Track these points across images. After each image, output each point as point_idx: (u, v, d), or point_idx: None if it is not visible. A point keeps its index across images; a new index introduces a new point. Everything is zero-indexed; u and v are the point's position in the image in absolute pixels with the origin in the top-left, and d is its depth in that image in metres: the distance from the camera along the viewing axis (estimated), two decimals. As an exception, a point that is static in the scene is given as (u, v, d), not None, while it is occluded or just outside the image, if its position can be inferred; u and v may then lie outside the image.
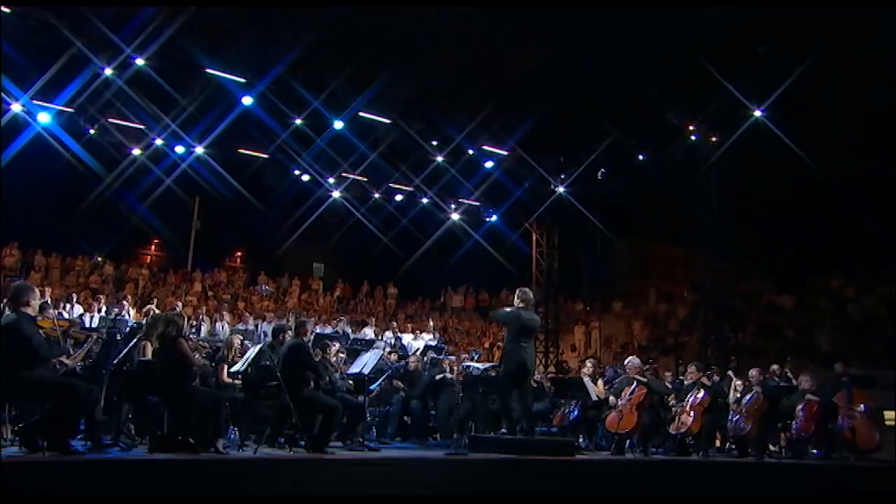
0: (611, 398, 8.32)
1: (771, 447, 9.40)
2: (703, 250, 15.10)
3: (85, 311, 13.12)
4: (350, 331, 14.51)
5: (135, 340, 6.13)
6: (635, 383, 8.14)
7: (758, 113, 12.68)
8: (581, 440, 8.84)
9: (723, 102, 13.06)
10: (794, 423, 9.18)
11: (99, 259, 20.86)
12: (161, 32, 11.00)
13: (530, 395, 7.58)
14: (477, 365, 8.97)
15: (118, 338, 6.56)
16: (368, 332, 14.71)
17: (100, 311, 13.14)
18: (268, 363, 6.18)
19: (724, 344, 14.60)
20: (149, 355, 5.98)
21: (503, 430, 7.37)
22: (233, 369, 6.78)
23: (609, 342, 21.43)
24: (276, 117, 12.97)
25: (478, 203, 17.23)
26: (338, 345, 8.62)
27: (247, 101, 12.39)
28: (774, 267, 21.16)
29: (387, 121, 13.73)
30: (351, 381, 7.64)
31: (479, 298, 24.58)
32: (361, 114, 13.52)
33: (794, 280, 20.27)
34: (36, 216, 19.33)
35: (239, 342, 7.53)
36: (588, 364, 9.30)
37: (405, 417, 8.99)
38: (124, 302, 12.87)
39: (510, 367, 7.40)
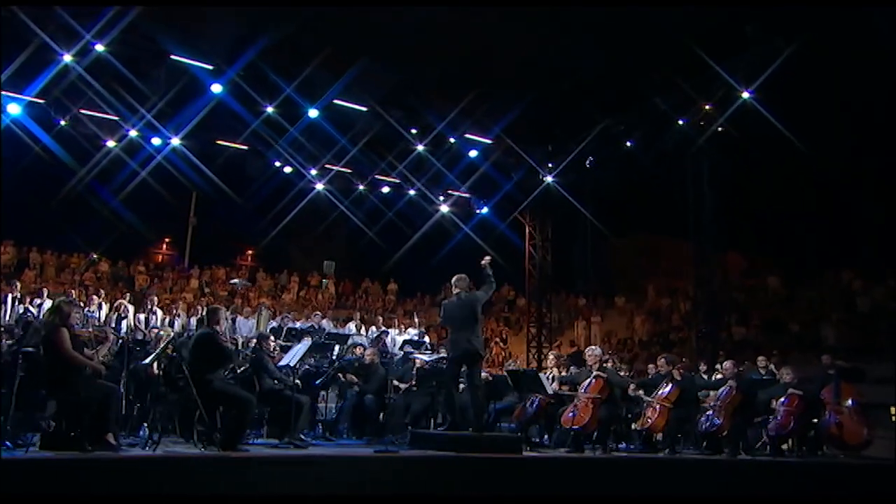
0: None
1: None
2: (698, 241, 14.50)
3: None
4: (331, 326, 14.20)
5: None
6: (592, 376, 7.65)
7: (746, 94, 12.07)
8: (545, 438, 8.38)
9: (711, 85, 12.50)
10: (773, 418, 8.67)
11: (94, 256, 20.79)
12: (123, 17, 10.75)
13: (480, 388, 7.16)
14: (422, 356, 8.55)
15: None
16: (352, 327, 14.40)
17: (100, 307, 13.00)
18: (174, 355, 5.82)
19: (716, 338, 14.01)
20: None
21: (443, 426, 6.95)
22: (144, 362, 6.45)
23: (609, 337, 20.87)
24: (249, 106, 12.64)
25: (468, 195, 16.79)
26: (274, 340, 8.24)
27: (216, 88, 12.08)
28: (779, 259, 20.47)
29: (364, 108, 13.33)
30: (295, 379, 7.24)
31: (478, 294, 24.15)
32: (339, 101, 13.14)
33: (801, 273, 19.55)
34: (26, 213, 19.27)
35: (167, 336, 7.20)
36: (551, 357, 8.84)
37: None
38: (94, 297, 12.66)
39: (455, 353, 7.03)
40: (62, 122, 12.78)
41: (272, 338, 8.01)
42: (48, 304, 12.02)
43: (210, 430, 5.59)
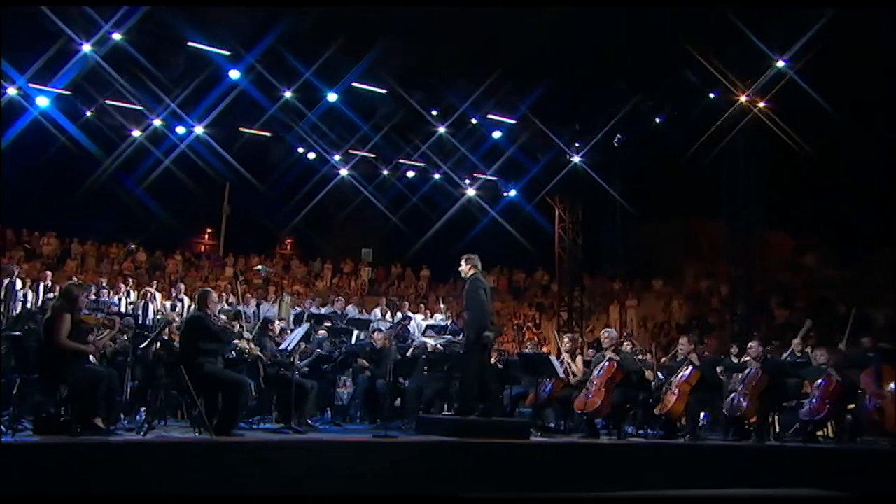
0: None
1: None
2: (734, 221, 13.90)
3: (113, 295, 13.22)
4: (356, 312, 14.14)
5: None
6: (606, 359, 7.33)
7: (781, 63, 11.43)
8: (561, 423, 8.10)
9: (743, 55, 11.88)
10: (806, 402, 8.20)
11: (132, 246, 21.22)
12: (140, 6, 10.77)
13: (490, 371, 6.93)
14: (427, 340, 8.34)
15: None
16: (377, 313, 14.33)
17: (128, 294, 13.25)
18: (165, 338, 5.75)
19: (755, 321, 13.42)
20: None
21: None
22: (141, 346, 6.41)
23: (646, 321, 20.34)
24: (268, 91, 12.57)
25: (494, 177, 16.46)
26: (280, 324, 8.14)
27: (234, 74, 12.03)
28: (827, 238, 19.57)
29: (383, 91, 13.12)
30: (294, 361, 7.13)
31: (514, 279, 23.86)
32: (358, 84, 12.97)
33: (851, 252, 18.67)
34: (67, 206, 19.78)
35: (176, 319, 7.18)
36: (566, 340, 8.53)
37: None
38: (121, 285, 12.87)
39: (472, 336, 6.77)
40: (88, 113, 12.96)
41: (276, 322, 7.92)
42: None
43: (204, 415, 5.50)
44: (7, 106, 12.30)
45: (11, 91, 12.18)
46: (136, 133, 13.56)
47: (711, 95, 12.56)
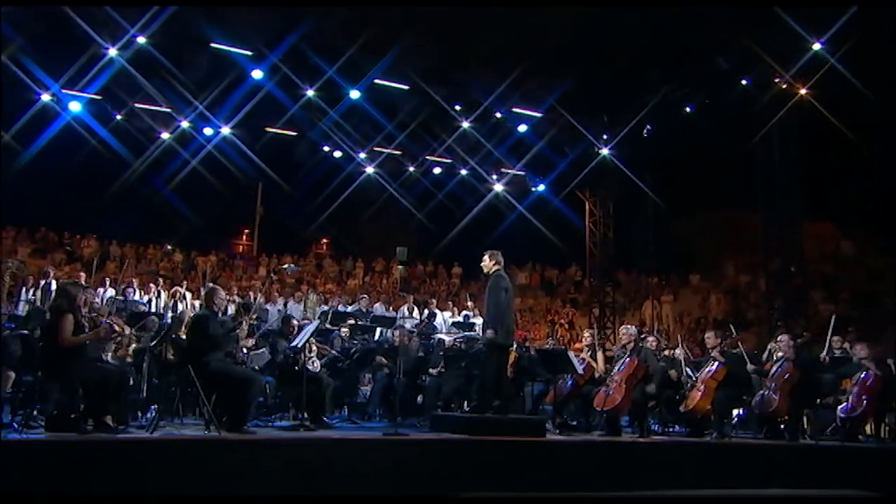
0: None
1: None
2: (771, 211, 13.38)
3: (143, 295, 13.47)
4: (383, 309, 14.11)
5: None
6: (626, 355, 7.09)
7: (817, 46, 10.95)
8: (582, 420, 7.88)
9: (776, 39, 11.41)
10: (844, 399, 7.80)
11: (169, 248, 21.63)
12: (163, 9, 10.89)
13: (503, 368, 6.77)
14: (442, 336, 8.20)
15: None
16: (404, 310, 14.28)
17: (158, 294, 13.49)
18: (174, 337, 5.75)
19: (793, 315, 12.90)
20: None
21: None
22: (151, 344, 6.44)
23: (682, 317, 19.84)
24: (290, 90, 12.61)
25: (522, 172, 16.23)
26: (304, 322, 8.12)
27: (257, 74, 12.10)
28: (875, 228, 18.77)
29: (405, 87, 13.02)
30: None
31: (546, 275, 23.58)
32: (380, 81, 12.90)
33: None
34: (106, 209, 20.21)
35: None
36: (586, 335, 8.30)
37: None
38: (151, 285, 13.07)
39: (501, 335, 6.60)
40: (119, 117, 13.20)
41: (294, 320, 7.91)
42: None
43: (211, 412, 5.47)
44: (41, 111, 12.67)
45: (45, 97, 12.51)
46: (165, 135, 13.75)
47: (744, 82, 12.09)
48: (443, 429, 6.31)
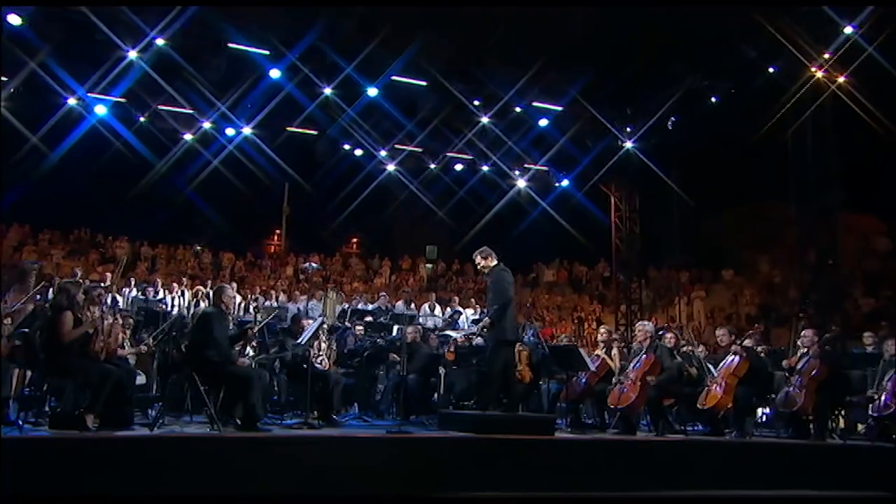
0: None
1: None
2: (802, 204, 12.92)
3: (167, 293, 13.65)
4: (405, 307, 14.03)
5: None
6: (642, 352, 6.86)
7: (849, 29, 10.51)
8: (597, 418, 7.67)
9: (806, 22, 10.99)
10: (879, 397, 7.44)
11: (198, 248, 21.91)
12: (183, 11, 10.98)
13: (511, 364, 6.61)
14: (451, 333, 8.06)
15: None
16: (426, 308, 14.19)
17: (182, 294, 13.66)
18: (174, 334, 5.73)
19: (829, 311, 12.43)
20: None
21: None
22: (155, 342, 6.45)
23: (714, 313, 19.34)
24: (308, 89, 12.60)
25: (545, 167, 15.99)
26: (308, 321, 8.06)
27: (274, 74, 12.12)
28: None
29: (423, 83, 12.92)
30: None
31: (574, 272, 23.26)
32: (398, 78, 12.82)
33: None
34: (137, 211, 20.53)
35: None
36: (602, 331, 8.08)
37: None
38: (175, 284, 13.21)
39: (505, 333, 6.47)
40: (142, 119, 13.37)
41: (305, 320, 7.87)
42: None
43: (213, 410, 5.44)
44: (67, 115, 12.91)
45: (72, 101, 12.74)
46: (188, 136, 13.87)
47: (771, 70, 11.68)
48: (450, 427, 6.19)
